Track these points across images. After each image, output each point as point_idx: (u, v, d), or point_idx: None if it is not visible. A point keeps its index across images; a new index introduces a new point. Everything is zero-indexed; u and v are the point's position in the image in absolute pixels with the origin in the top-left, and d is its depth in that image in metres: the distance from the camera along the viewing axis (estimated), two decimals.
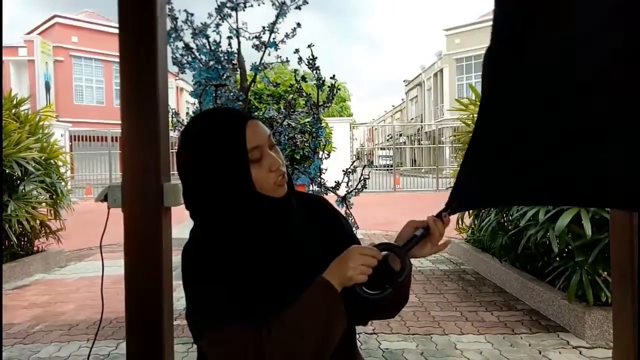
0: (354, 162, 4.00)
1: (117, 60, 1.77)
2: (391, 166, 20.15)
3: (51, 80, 26.15)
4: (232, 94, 2.81)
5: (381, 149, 37.62)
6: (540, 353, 3.10)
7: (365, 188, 3.76)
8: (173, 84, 28.56)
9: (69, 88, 27.48)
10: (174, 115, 3.59)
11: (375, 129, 51.10)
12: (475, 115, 5.30)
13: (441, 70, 33.82)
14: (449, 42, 33.31)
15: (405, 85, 46.87)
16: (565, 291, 3.53)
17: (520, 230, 3.93)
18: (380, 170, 22.00)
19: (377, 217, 10.34)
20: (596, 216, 3.22)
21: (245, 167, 0.92)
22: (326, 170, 3.81)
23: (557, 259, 3.77)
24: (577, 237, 3.39)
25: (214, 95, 2.80)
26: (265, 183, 0.94)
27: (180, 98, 34.17)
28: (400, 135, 39.63)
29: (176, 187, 1.73)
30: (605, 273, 3.34)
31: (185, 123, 3.56)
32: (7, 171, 5.06)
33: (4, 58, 24.68)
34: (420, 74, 40.09)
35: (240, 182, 0.92)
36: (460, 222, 6.01)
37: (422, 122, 37.47)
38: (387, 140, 42.48)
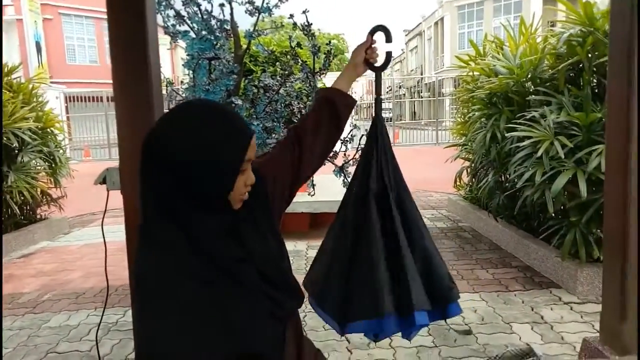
0: (351, 131, 3.94)
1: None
2: (391, 119, 19.92)
3: (42, 40, 25.53)
4: (226, 67, 2.75)
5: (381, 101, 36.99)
6: (532, 310, 3.21)
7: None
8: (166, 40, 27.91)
9: (60, 48, 26.85)
10: (167, 85, 3.55)
11: None
12: (475, 73, 5.18)
13: (442, 19, 32.91)
14: None
15: (405, 35, 45.74)
16: (559, 249, 3.61)
17: (517, 190, 3.97)
18: None
19: None
20: (592, 177, 3.23)
21: (236, 173, 0.96)
22: None
23: (552, 217, 3.83)
24: (573, 196, 3.43)
25: (207, 68, 2.75)
26: (236, 194, 0.98)
27: (175, 54, 33.45)
28: (400, 87, 39.08)
29: None
30: (599, 231, 3.40)
31: (181, 93, 3.52)
32: (4, 142, 5.04)
33: None
34: (420, 23, 39.05)
35: (227, 185, 0.95)
36: (458, 179, 6.05)
37: (422, 73, 36.85)
38: (387, 92, 41.82)
